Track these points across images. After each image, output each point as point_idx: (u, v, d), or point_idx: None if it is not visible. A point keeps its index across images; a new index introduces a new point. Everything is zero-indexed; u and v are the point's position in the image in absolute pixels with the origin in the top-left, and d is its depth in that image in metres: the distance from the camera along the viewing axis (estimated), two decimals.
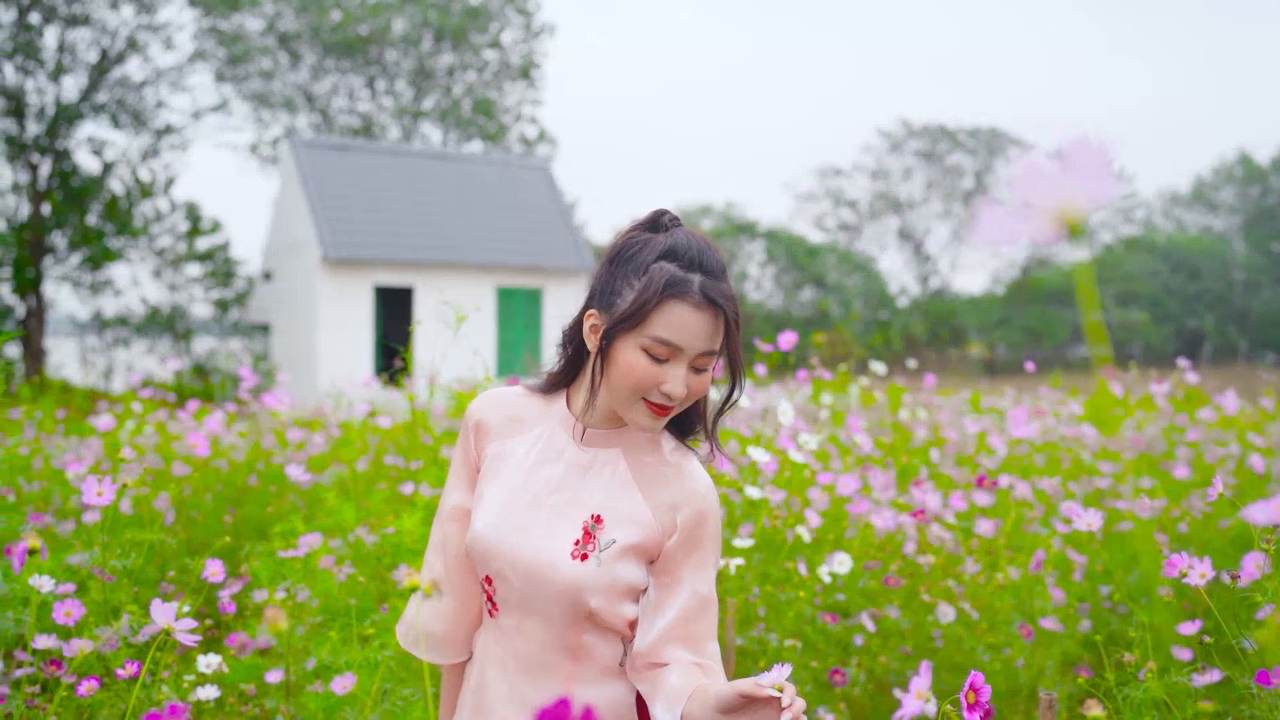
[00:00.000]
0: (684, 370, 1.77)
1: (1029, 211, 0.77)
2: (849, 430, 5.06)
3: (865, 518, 4.05)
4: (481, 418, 1.98)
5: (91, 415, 8.27)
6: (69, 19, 26.57)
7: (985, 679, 1.76)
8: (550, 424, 1.94)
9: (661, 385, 1.77)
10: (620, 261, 1.82)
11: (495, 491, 1.90)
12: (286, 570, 3.14)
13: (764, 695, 1.60)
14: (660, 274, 1.75)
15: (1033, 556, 3.86)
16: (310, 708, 2.79)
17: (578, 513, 1.85)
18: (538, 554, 1.82)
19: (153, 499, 4.71)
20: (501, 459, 1.93)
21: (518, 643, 1.87)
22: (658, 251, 1.78)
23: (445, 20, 35.75)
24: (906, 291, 54.35)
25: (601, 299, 1.82)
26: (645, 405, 1.80)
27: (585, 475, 1.88)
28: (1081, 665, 4.09)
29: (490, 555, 1.86)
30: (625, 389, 1.79)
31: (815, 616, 3.69)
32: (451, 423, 6.27)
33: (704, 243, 1.81)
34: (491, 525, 1.86)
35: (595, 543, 1.83)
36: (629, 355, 1.77)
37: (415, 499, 3.55)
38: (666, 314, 1.74)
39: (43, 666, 2.82)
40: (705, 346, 1.77)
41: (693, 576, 1.86)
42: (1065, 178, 0.77)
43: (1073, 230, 0.77)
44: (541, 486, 1.88)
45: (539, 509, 1.86)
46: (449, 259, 23.98)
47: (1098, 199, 0.77)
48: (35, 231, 26.40)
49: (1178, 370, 6.54)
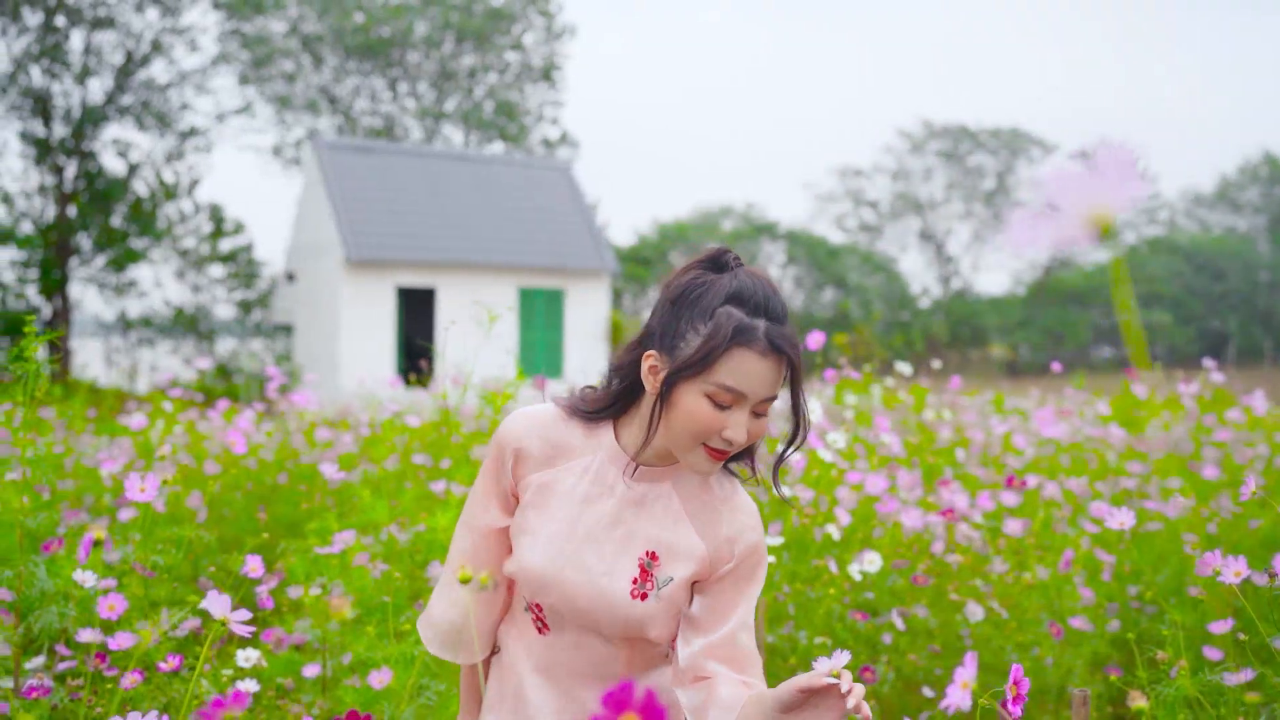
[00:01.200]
0: (746, 416, 1.76)
1: (1060, 214, 0.80)
2: (876, 430, 5.07)
3: (894, 517, 4.07)
4: (522, 445, 1.92)
5: (121, 415, 8.34)
6: (94, 22, 26.76)
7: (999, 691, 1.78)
8: (598, 455, 1.90)
9: (723, 431, 1.75)
10: (684, 304, 1.78)
11: (545, 524, 1.88)
12: (322, 567, 3.17)
13: (822, 684, 1.63)
14: (728, 320, 1.72)
15: (1061, 556, 3.87)
16: (347, 702, 2.82)
17: (634, 549, 1.86)
18: (599, 593, 1.83)
19: (185, 497, 4.77)
20: (548, 490, 1.90)
21: (571, 655, 1.90)
22: (723, 295, 1.76)
23: (467, 22, 35.85)
24: (928, 292, 54.23)
25: (663, 341, 1.79)
26: (705, 450, 1.78)
27: (638, 510, 1.88)
28: (1110, 665, 4.10)
29: (545, 588, 1.86)
30: (686, 434, 1.77)
31: (845, 614, 3.71)
32: (479, 423, 6.30)
33: (768, 286, 1.78)
34: (547, 560, 1.85)
35: (654, 580, 1.85)
36: (692, 401, 1.75)
37: (448, 497, 3.59)
38: (733, 361, 1.72)
39: (86, 660, 2.87)
40: (769, 393, 1.76)
41: (740, 603, 1.89)
42: (1094, 181, 0.79)
43: (1104, 232, 0.79)
44: (595, 521, 1.87)
45: (595, 544, 1.85)
46: (471, 260, 24.05)
47: (1127, 201, 0.80)
48: (61, 233, 26.59)
49: (1204, 371, 6.53)
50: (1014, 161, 53.34)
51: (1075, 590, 3.95)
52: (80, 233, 27.31)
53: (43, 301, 26.53)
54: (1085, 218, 0.80)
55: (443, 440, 5.19)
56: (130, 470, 5.03)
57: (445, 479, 4.22)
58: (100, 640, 2.75)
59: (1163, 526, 4.60)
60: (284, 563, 3.41)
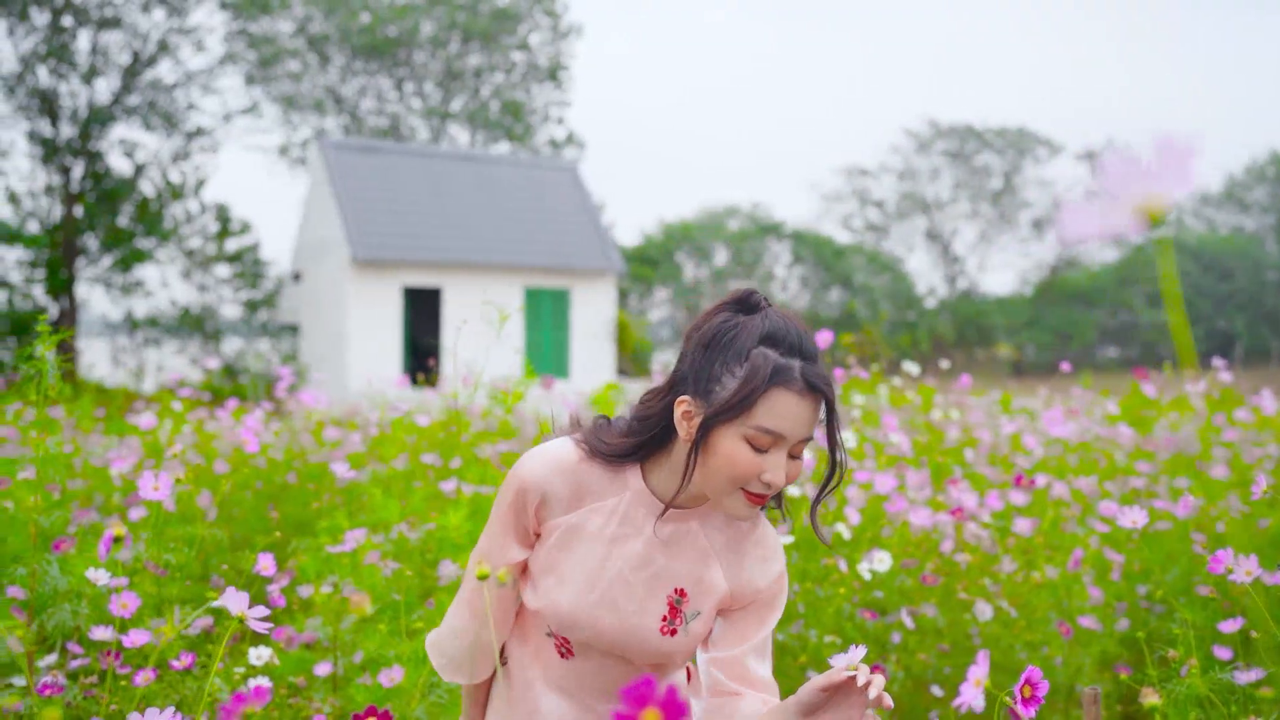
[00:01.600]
0: (784, 458, 1.74)
1: (1111, 203, 0.81)
2: (884, 429, 5.08)
3: (902, 516, 4.07)
4: (547, 491, 1.89)
5: (129, 414, 8.36)
6: (101, 22, 26.82)
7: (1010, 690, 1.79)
8: (625, 496, 1.88)
9: (763, 475, 1.73)
10: (716, 347, 1.76)
11: (573, 566, 1.87)
12: (333, 565, 3.18)
13: (842, 679, 1.64)
14: (765, 362, 1.70)
15: (1070, 555, 3.87)
16: (359, 700, 2.83)
17: (663, 588, 1.86)
18: (630, 630, 1.85)
19: (195, 496, 4.78)
20: (575, 532, 1.88)
21: (593, 676, 1.92)
22: (756, 336, 1.74)
23: (473, 22, 35.88)
24: (934, 292, 54.19)
25: (697, 385, 1.77)
26: (744, 495, 1.76)
27: (667, 550, 1.88)
28: (1120, 664, 4.10)
29: (575, 627, 1.86)
30: (725, 479, 1.75)
31: (854, 613, 3.72)
32: (487, 423, 6.30)
33: (800, 325, 1.77)
34: (577, 600, 1.85)
35: (682, 616, 1.86)
36: (730, 445, 1.73)
37: (459, 496, 3.60)
38: (771, 403, 1.70)
39: (99, 657, 2.88)
40: (806, 433, 1.75)
41: (759, 630, 1.92)
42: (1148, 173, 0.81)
43: (1153, 221, 0.80)
44: (624, 562, 1.86)
45: (625, 585, 1.86)
46: (477, 260, 24.08)
47: (1177, 193, 0.81)
48: (68, 233, 26.66)
49: (1212, 370, 6.52)
50: (1020, 161, 53.29)
51: (1084, 589, 3.95)
52: (87, 233, 27.38)
53: (49, 301, 26.59)
54: (1136, 207, 0.81)
55: (452, 439, 5.19)
56: (140, 469, 5.05)
57: (456, 478, 4.23)
58: (114, 638, 2.76)
59: (1171, 526, 4.60)
60: (295, 561, 3.42)
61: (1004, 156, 53.36)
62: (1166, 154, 0.80)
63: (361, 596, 1.32)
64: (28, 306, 25.84)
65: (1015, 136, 52.73)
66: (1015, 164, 53.42)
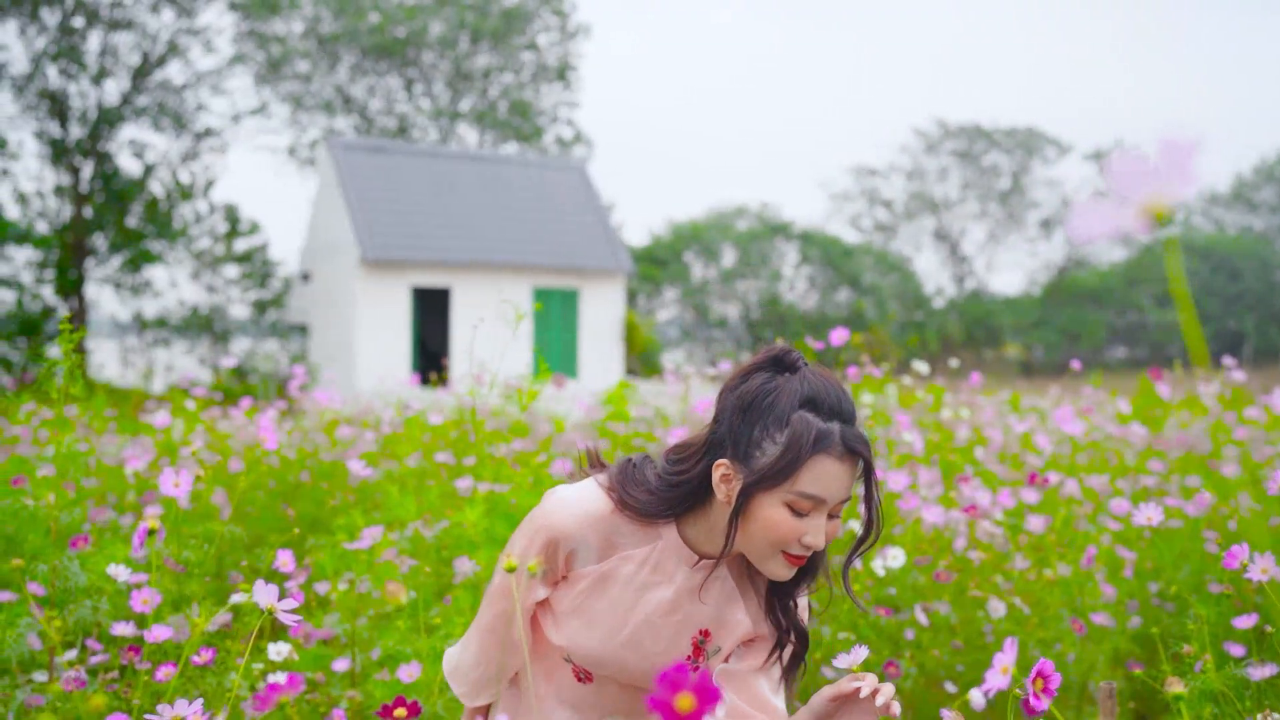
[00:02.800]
0: (824, 520, 1.76)
1: (1119, 203, 0.83)
2: (897, 427, 5.09)
3: (915, 513, 4.08)
4: (579, 542, 1.90)
5: (142, 414, 8.39)
6: (111, 23, 26.90)
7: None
8: (657, 545, 1.89)
9: (803, 538, 1.74)
10: (756, 411, 1.76)
11: (602, 611, 1.89)
12: (350, 562, 3.21)
13: (851, 690, 1.68)
14: (806, 429, 1.71)
15: (1083, 553, 3.88)
16: (377, 695, 2.86)
17: (689, 631, 1.90)
18: (654, 669, 1.88)
19: (210, 494, 4.81)
20: (606, 579, 1.89)
21: (607, 700, 1.96)
22: (796, 400, 1.74)
23: (482, 22, 35.91)
24: (942, 292, 54.10)
25: (736, 450, 1.77)
26: (784, 557, 1.78)
27: (694, 595, 1.89)
28: (1132, 661, 4.11)
29: (600, 665, 1.90)
30: (766, 543, 1.76)
31: (869, 610, 3.73)
32: (499, 422, 6.32)
33: (838, 387, 1.78)
34: (604, 643, 1.88)
35: (704, 654, 1.91)
36: (772, 511, 1.73)
37: (474, 494, 3.62)
38: (813, 469, 1.71)
39: (120, 653, 2.90)
40: (846, 495, 1.76)
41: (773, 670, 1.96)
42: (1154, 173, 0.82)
43: (1159, 220, 0.82)
44: (654, 608, 1.88)
45: (652, 629, 1.88)
46: (486, 260, 24.11)
47: (1183, 192, 0.83)
48: (77, 233, 26.73)
49: (1222, 369, 6.52)
50: (1029, 161, 53.17)
51: (1097, 587, 3.97)
52: (96, 233, 27.46)
53: (59, 301, 26.66)
54: (1143, 207, 0.83)
55: (464, 438, 5.22)
56: (156, 468, 5.07)
57: (471, 476, 4.25)
58: (135, 633, 2.79)
59: (1183, 524, 4.61)
60: (312, 558, 3.44)
61: (1012, 156, 53.26)
62: (1170, 154, 0.82)
63: (397, 585, 1.35)
64: (37, 307, 25.91)
65: (1024, 136, 52.62)
66: (1024, 164, 53.31)
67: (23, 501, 3.18)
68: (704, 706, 0.95)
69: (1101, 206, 0.85)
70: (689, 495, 1.85)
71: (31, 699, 2.79)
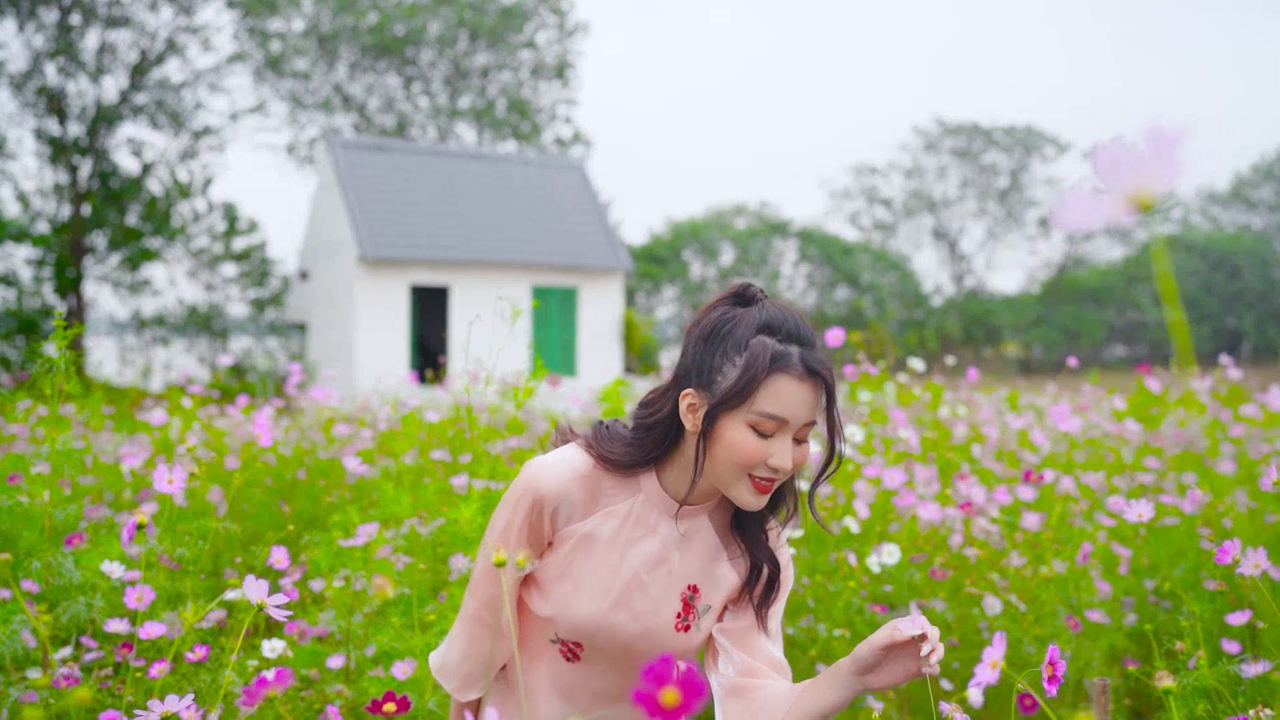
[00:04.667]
0: (789, 442, 1.77)
1: (1106, 195, 0.83)
2: (893, 425, 5.09)
3: (911, 510, 4.08)
4: (563, 499, 1.90)
5: (139, 412, 8.39)
6: (109, 20, 26.89)
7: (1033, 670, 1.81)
8: (637, 499, 1.91)
9: (769, 460, 1.76)
10: (716, 339, 1.80)
11: (590, 572, 1.89)
12: (345, 559, 3.20)
13: (904, 639, 1.67)
14: (763, 350, 1.74)
15: (1079, 549, 3.89)
16: (371, 692, 2.85)
17: (677, 586, 1.90)
18: (645, 631, 1.88)
19: (206, 491, 4.80)
20: (590, 538, 1.90)
21: (597, 680, 1.95)
22: (755, 326, 1.77)
23: (480, 21, 35.91)
24: (941, 291, 54.13)
25: (699, 378, 1.80)
26: (750, 482, 1.79)
27: (681, 548, 1.91)
28: (1128, 657, 4.11)
29: (592, 632, 1.89)
30: (732, 466, 1.78)
31: (864, 607, 3.73)
32: (495, 419, 6.32)
33: (797, 313, 1.80)
34: (594, 605, 1.88)
35: (694, 612, 1.90)
36: (735, 433, 1.76)
37: (470, 491, 3.62)
38: (772, 388, 1.73)
39: (114, 650, 2.90)
40: (809, 417, 1.77)
41: (777, 619, 1.96)
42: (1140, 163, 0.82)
43: (1144, 209, 0.82)
44: (640, 564, 1.89)
45: (640, 585, 1.89)
46: (485, 258, 24.10)
47: (1169, 182, 0.83)
48: (75, 232, 26.74)
49: (1219, 367, 6.53)
50: (1027, 159, 53.21)
51: (1092, 584, 3.97)
52: (94, 231, 27.48)
53: (57, 300, 26.67)
54: (1128, 196, 0.82)
55: (460, 435, 5.21)
56: (152, 465, 5.07)
57: (467, 473, 4.25)
58: (129, 630, 2.78)
59: (1179, 521, 4.61)
60: (307, 555, 3.44)
61: (1011, 155, 53.30)
62: (1156, 143, 0.82)
63: (384, 580, 1.35)
64: (36, 305, 25.91)
65: (1022, 135, 52.65)
66: (1022, 162, 53.35)
67: (18, 499, 3.18)
68: (689, 700, 0.95)
69: (1088, 196, 0.85)
70: (663, 437, 1.88)
71: (25, 696, 2.79)
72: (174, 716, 1.96)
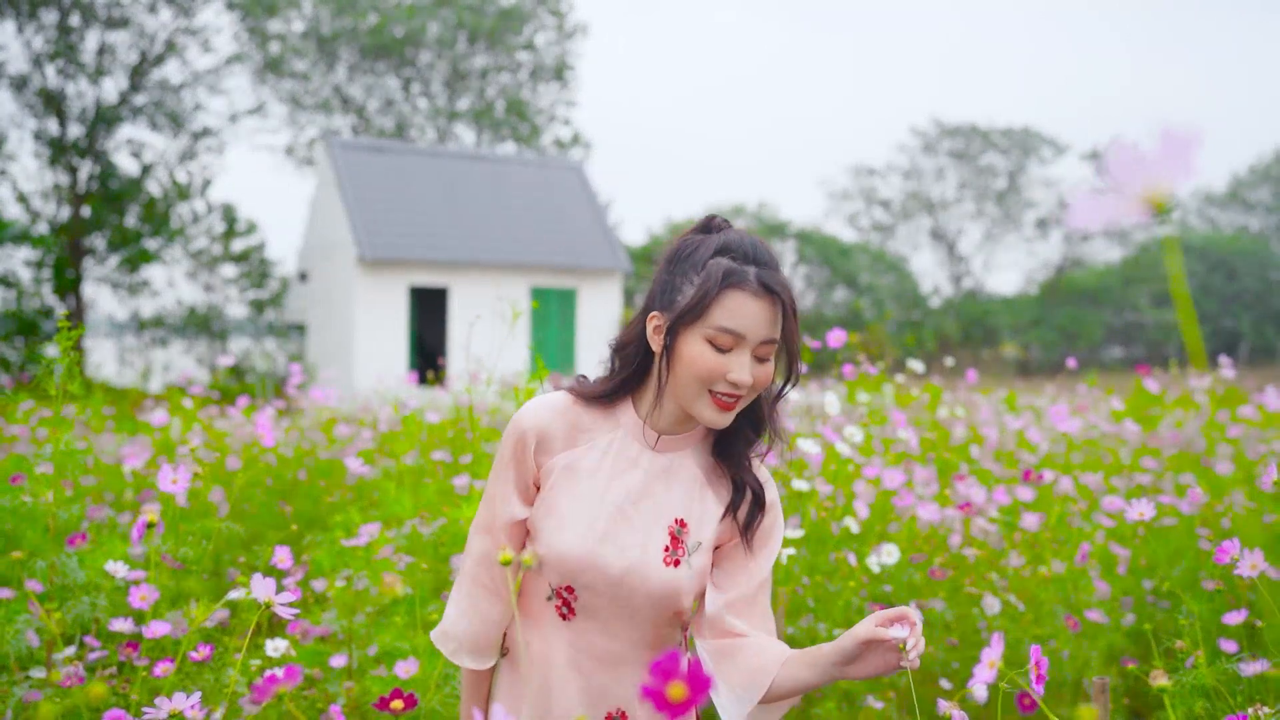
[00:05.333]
0: (747, 358, 1.81)
1: (1118, 193, 0.84)
2: (893, 425, 5.11)
3: (910, 511, 4.10)
4: (543, 431, 1.93)
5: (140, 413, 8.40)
6: (109, 22, 26.90)
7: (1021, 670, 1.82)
8: (618, 432, 1.95)
9: (727, 375, 1.80)
10: (677, 261, 1.88)
11: (573, 505, 1.90)
12: (347, 559, 3.22)
13: (887, 637, 1.69)
14: (718, 267, 1.81)
15: (1078, 549, 3.90)
16: (374, 691, 2.87)
17: (664, 519, 1.90)
18: (632, 565, 1.87)
19: (207, 492, 4.82)
20: (572, 470, 1.92)
21: (599, 641, 1.91)
22: (713, 248, 1.84)
23: (479, 22, 35.92)
24: (939, 292, 54.13)
25: (662, 299, 1.88)
26: (711, 399, 1.83)
27: (664, 480, 1.93)
28: (1126, 657, 4.13)
29: (580, 569, 1.88)
30: (692, 381, 1.82)
31: (864, 607, 3.75)
32: (495, 420, 6.34)
33: (757, 239, 1.86)
34: (580, 539, 1.87)
35: (683, 547, 1.90)
36: (693, 348, 1.81)
37: (471, 491, 3.64)
38: (727, 303, 1.79)
39: (119, 649, 2.92)
40: (766, 334, 1.81)
41: (756, 563, 1.96)
42: (1152, 163, 0.84)
43: (1159, 210, 0.83)
44: (623, 496, 1.90)
45: (625, 519, 1.89)
46: (484, 259, 24.12)
47: (1181, 182, 0.85)
48: (75, 233, 26.74)
49: (1217, 368, 6.55)
50: (1025, 161, 53.20)
51: (1091, 584, 3.98)
52: (94, 233, 27.48)
53: (57, 301, 26.67)
54: (1141, 197, 0.84)
55: (460, 435, 5.23)
56: (153, 466, 5.09)
57: (468, 474, 4.27)
58: (133, 630, 2.80)
59: (1177, 522, 4.63)
60: (310, 555, 3.45)
61: (1009, 156, 53.29)
62: (1169, 144, 0.84)
63: (393, 578, 1.36)
64: (35, 306, 25.92)
65: (1020, 136, 52.66)
66: (1020, 164, 53.34)
67: (21, 499, 3.20)
68: (696, 694, 0.97)
69: (1100, 197, 0.86)
70: (632, 361, 1.94)
71: (30, 695, 2.80)
72: (179, 715, 1.98)
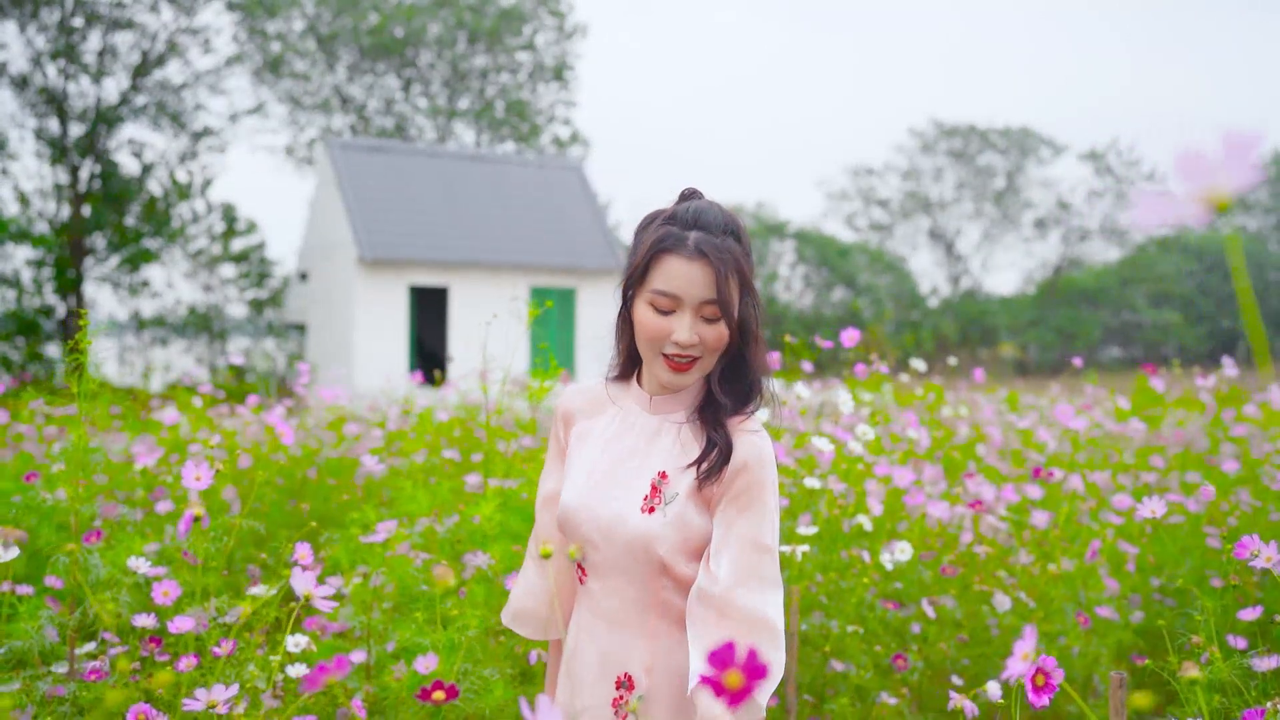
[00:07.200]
0: (689, 319, 1.91)
1: (1179, 193, 0.87)
2: (902, 424, 5.13)
3: (921, 508, 4.13)
4: (570, 406, 2.16)
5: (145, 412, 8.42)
6: (110, 22, 26.91)
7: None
8: (627, 402, 2.10)
9: (671, 335, 1.91)
10: (637, 233, 2.03)
11: (579, 465, 2.07)
12: (364, 555, 3.24)
13: None
14: (654, 233, 1.93)
15: (1087, 547, 3.93)
16: (393, 687, 2.89)
17: (648, 472, 2.00)
18: (612, 512, 1.97)
19: (220, 490, 4.84)
20: (585, 437, 2.10)
21: (605, 602, 2.01)
22: (663, 219, 1.96)
23: (479, 22, 35.93)
24: (937, 292, 54.17)
25: (626, 270, 2.01)
26: (665, 361, 1.95)
27: (654, 439, 2.03)
28: (1135, 654, 4.16)
29: (578, 522, 2.00)
30: (645, 344, 1.96)
31: (876, 603, 3.77)
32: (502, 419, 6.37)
33: (709, 206, 1.96)
34: (579, 493, 2.02)
35: (661, 496, 1.97)
36: (640, 312, 1.95)
37: (486, 490, 3.66)
38: (662, 267, 1.92)
39: (141, 644, 2.94)
40: (704, 295, 1.91)
41: (744, 525, 1.92)
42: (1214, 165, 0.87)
43: (1220, 209, 0.86)
44: (618, 454, 2.03)
45: (615, 474, 2.01)
46: (483, 259, 24.14)
47: (1242, 182, 0.87)
48: (75, 233, 26.74)
49: (1219, 368, 6.57)
50: (1023, 161, 53.24)
51: (1100, 581, 4.01)
52: (94, 232, 27.47)
53: (57, 300, 26.68)
54: (1202, 197, 0.87)
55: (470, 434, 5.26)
56: (165, 464, 5.11)
57: (480, 472, 4.29)
58: (156, 625, 2.82)
59: (1184, 520, 4.66)
60: (327, 551, 3.48)
61: (1007, 156, 53.32)
62: (1231, 146, 0.87)
63: (445, 569, 1.39)
64: (36, 305, 25.93)
65: (1018, 136, 52.69)
66: (1018, 164, 53.37)
67: (39, 496, 3.23)
68: (751, 681, 0.99)
69: (1163, 197, 0.89)
70: (620, 334, 2.10)
71: (52, 690, 2.83)
72: (214, 704, 2.07)
